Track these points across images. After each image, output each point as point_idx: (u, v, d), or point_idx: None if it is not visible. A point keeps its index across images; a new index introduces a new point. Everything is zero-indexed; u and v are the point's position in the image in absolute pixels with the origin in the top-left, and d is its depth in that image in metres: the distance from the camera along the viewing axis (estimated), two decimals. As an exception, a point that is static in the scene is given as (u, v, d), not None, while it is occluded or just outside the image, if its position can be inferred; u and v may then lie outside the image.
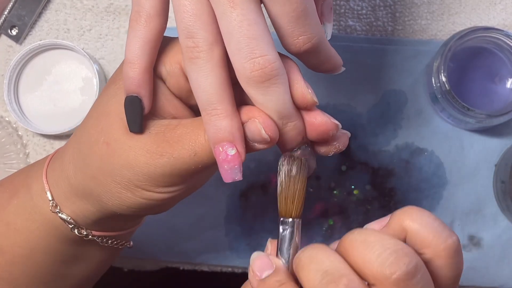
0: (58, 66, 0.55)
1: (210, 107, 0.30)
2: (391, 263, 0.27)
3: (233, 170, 0.31)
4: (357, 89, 0.54)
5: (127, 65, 0.32)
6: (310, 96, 0.32)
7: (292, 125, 0.32)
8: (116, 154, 0.33)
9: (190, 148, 0.32)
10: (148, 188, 0.33)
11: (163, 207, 0.37)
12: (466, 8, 0.55)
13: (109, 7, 0.56)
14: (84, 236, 0.38)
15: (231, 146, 0.31)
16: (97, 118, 0.35)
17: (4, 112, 0.57)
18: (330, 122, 0.33)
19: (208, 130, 0.31)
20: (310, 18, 0.30)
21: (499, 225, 0.53)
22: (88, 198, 0.36)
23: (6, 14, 0.56)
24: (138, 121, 0.33)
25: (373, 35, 0.55)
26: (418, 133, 0.54)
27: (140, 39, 0.32)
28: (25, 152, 0.56)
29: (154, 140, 0.33)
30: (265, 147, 0.32)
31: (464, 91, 0.51)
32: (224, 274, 0.56)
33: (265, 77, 0.29)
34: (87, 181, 0.35)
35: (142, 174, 0.33)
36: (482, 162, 0.54)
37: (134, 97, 0.32)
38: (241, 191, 0.55)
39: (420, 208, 0.31)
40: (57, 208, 0.37)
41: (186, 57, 0.30)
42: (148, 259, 0.56)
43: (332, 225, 0.54)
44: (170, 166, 0.32)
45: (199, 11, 0.30)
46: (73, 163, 0.36)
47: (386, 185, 0.54)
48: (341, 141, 0.34)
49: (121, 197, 0.34)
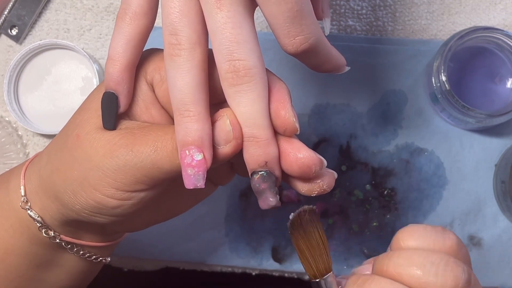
0: (58, 66, 0.55)
1: (183, 108, 0.30)
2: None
3: (196, 176, 0.30)
4: (357, 89, 0.54)
5: (108, 61, 0.32)
6: (292, 120, 0.30)
7: (255, 141, 0.30)
8: (82, 146, 0.33)
9: (151, 144, 0.31)
10: (99, 189, 0.32)
11: (125, 221, 0.36)
12: (466, 8, 0.55)
13: (109, 7, 0.56)
14: (52, 238, 0.36)
15: (198, 151, 0.30)
16: (78, 112, 0.35)
17: (4, 112, 0.56)
18: (314, 157, 0.31)
19: (178, 132, 0.30)
20: (306, 18, 0.30)
21: (499, 225, 0.53)
22: (50, 193, 0.35)
23: (6, 14, 0.56)
24: (112, 117, 0.32)
25: (373, 35, 0.55)
26: (418, 133, 0.54)
27: (123, 36, 0.32)
28: (25, 152, 0.56)
29: (121, 133, 0.32)
30: (228, 150, 0.30)
31: (464, 91, 0.51)
32: (224, 274, 0.56)
33: (237, 80, 0.29)
34: (53, 173, 0.34)
35: (97, 169, 0.32)
36: (482, 162, 0.54)
37: (111, 94, 0.32)
38: (241, 191, 0.55)
39: (410, 225, 0.32)
40: (27, 204, 0.36)
41: (167, 53, 0.30)
42: (148, 259, 0.56)
43: (332, 225, 0.54)
44: (125, 160, 0.31)
45: (187, 9, 0.29)
46: (47, 155, 0.35)
47: (386, 185, 0.54)
48: (326, 180, 0.32)
49: (75, 194, 0.33)
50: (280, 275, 0.56)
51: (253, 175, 0.31)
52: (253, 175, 0.31)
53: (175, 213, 0.40)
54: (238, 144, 0.30)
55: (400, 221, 0.54)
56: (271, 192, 0.31)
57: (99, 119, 0.33)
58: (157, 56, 0.34)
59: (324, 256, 0.33)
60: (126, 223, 0.37)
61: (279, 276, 0.56)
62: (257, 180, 0.31)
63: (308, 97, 0.54)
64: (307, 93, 0.54)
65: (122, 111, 0.33)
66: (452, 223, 0.53)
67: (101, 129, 0.33)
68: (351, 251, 0.54)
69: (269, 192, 0.31)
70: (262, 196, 0.31)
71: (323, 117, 0.54)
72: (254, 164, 0.31)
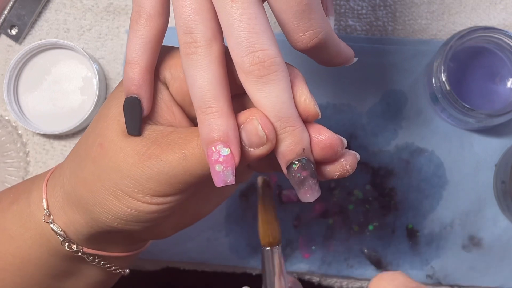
0: (58, 66, 0.55)
1: (205, 105, 0.29)
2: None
3: (225, 173, 0.29)
4: (357, 89, 0.54)
5: (127, 65, 0.32)
6: (313, 106, 0.30)
7: (291, 130, 0.29)
8: (108, 156, 0.32)
9: (179, 152, 0.30)
10: (134, 196, 0.32)
11: (155, 227, 0.36)
12: (466, 8, 0.55)
13: (109, 7, 0.56)
14: (74, 252, 0.36)
15: (225, 146, 0.29)
16: (97, 120, 0.34)
17: (4, 111, 0.56)
18: (335, 137, 0.30)
19: (202, 130, 0.29)
20: (315, 12, 0.29)
21: (499, 225, 0.53)
22: (78, 206, 0.34)
23: (6, 13, 0.56)
24: (136, 123, 0.32)
25: (373, 35, 0.55)
26: (418, 133, 0.54)
27: (140, 39, 0.31)
28: (25, 151, 0.56)
29: (145, 142, 0.31)
30: (261, 152, 0.30)
31: (464, 91, 0.51)
32: (224, 274, 0.56)
33: (264, 71, 0.28)
34: (78, 186, 0.34)
35: (129, 178, 0.31)
36: (482, 162, 0.54)
37: (134, 98, 0.32)
38: (241, 191, 0.55)
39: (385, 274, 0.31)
40: (50, 218, 0.35)
41: (183, 53, 0.29)
42: (148, 259, 0.56)
43: (332, 225, 0.54)
44: (157, 170, 0.30)
45: (199, 6, 0.29)
46: (70, 168, 0.35)
47: (386, 185, 0.54)
48: (349, 160, 0.31)
49: (107, 204, 0.32)
50: (280, 275, 0.56)
51: (291, 166, 0.30)
52: (291, 166, 0.30)
53: (201, 215, 0.39)
54: (273, 145, 0.30)
55: (400, 221, 0.54)
56: (314, 179, 0.30)
57: (120, 125, 0.32)
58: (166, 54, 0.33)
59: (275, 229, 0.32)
60: (156, 229, 0.37)
61: (279, 276, 0.56)
62: (297, 170, 0.30)
63: (308, 97, 0.54)
64: (307, 93, 0.54)
65: (146, 115, 0.32)
66: (452, 223, 0.53)
67: (125, 136, 0.32)
68: (351, 251, 0.54)
69: (311, 180, 0.30)
70: (305, 186, 0.30)
71: (323, 117, 0.54)
72: (292, 154, 0.30)
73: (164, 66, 0.33)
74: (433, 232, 0.53)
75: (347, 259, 0.54)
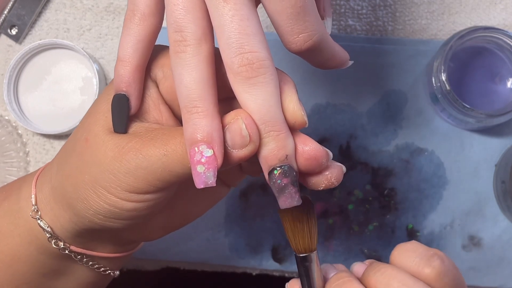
0: (58, 66, 0.55)
1: (190, 104, 0.29)
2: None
3: (206, 174, 0.29)
4: (357, 89, 0.54)
5: (118, 63, 0.32)
6: (301, 113, 0.30)
7: (275, 135, 0.29)
8: (90, 149, 0.32)
9: (161, 147, 0.30)
10: (112, 192, 0.31)
11: (142, 228, 0.35)
12: (466, 8, 0.55)
13: (109, 7, 0.56)
14: (61, 249, 0.36)
15: (208, 147, 0.28)
16: (86, 117, 0.34)
17: (4, 111, 0.56)
18: (320, 149, 0.30)
19: (186, 129, 0.29)
20: (310, 15, 0.29)
21: (499, 225, 0.53)
22: (62, 201, 0.34)
23: (6, 13, 0.56)
24: (123, 120, 0.32)
25: (373, 35, 0.55)
26: (418, 133, 0.54)
27: (133, 37, 0.31)
28: (25, 151, 0.56)
29: (128, 137, 0.31)
30: (244, 154, 0.29)
31: (464, 91, 0.51)
32: (224, 274, 0.56)
33: (252, 73, 0.28)
34: (63, 180, 0.33)
35: (108, 172, 0.31)
36: (482, 162, 0.54)
37: (122, 96, 0.32)
38: (241, 191, 0.55)
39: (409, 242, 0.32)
40: (38, 214, 0.35)
41: (172, 51, 0.29)
42: (148, 259, 0.56)
43: (332, 225, 0.54)
44: (135, 164, 0.30)
45: (191, 5, 0.29)
46: (57, 162, 0.35)
47: (386, 185, 0.54)
48: (334, 173, 0.31)
49: (88, 199, 0.32)
50: (280, 275, 0.56)
51: (273, 172, 0.29)
52: (273, 171, 0.29)
53: (191, 217, 0.39)
54: (256, 147, 0.29)
55: (400, 221, 0.54)
56: (294, 187, 0.30)
57: (107, 121, 0.32)
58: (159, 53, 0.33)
59: (306, 238, 0.32)
60: (142, 229, 0.36)
61: (279, 276, 0.56)
62: (278, 176, 0.29)
63: (308, 97, 0.54)
64: (307, 93, 0.54)
65: (133, 113, 0.32)
66: (452, 223, 0.53)
67: (110, 131, 0.32)
68: (351, 251, 0.54)
69: (292, 187, 0.29)
70: (285, 193, 0.30)
71: (323, 117, 0.54)
72: (274, 160, 0.29)
73: (157, 64, 0.33)
74: (433, 232, 0.53)
75: (347, 259, 0.54)
